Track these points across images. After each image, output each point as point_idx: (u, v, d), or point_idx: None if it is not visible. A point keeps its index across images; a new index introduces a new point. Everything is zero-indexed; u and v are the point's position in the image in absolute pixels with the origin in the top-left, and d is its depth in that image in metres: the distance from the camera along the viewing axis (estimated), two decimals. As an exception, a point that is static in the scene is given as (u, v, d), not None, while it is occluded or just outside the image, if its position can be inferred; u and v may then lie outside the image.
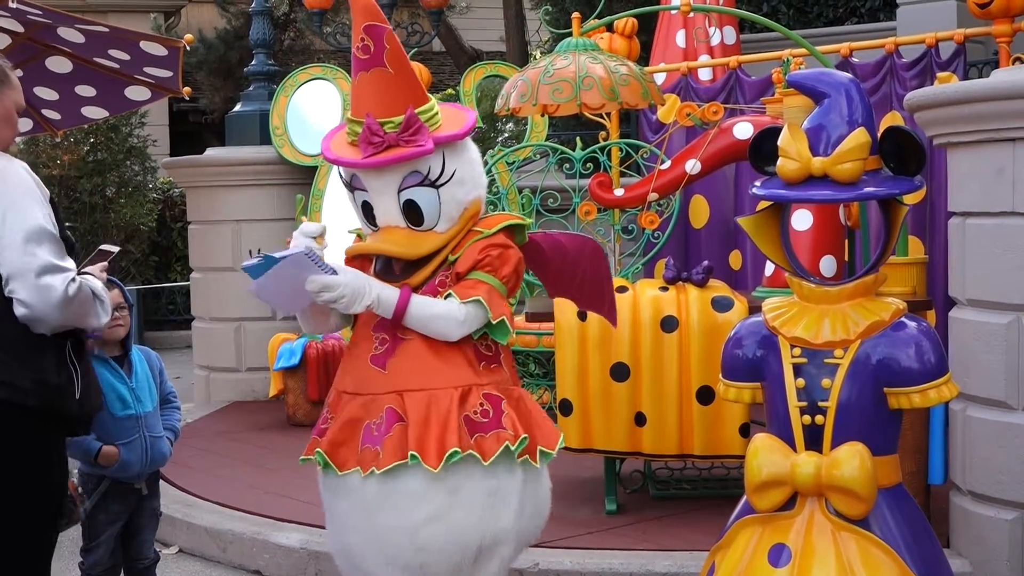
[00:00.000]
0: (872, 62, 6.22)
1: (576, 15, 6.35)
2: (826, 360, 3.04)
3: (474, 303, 3.18)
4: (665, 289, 4.95)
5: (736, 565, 3.07)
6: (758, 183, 3.17)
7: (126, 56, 5.26)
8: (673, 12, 7.47)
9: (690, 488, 5.44)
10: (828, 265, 5.08)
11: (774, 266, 4.64)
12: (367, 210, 3.29)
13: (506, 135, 11.56)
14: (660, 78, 7.07)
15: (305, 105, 8.27)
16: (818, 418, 3.03)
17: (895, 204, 3.11)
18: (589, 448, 4.94)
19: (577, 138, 7.02)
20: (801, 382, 3.05)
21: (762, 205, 3.36)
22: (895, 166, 3.05)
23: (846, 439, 2.98)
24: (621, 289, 4.85)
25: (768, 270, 5.38)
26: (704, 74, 7.47)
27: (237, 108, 9.01)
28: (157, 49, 5.24)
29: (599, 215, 5.92)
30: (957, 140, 4.30)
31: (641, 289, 4.98)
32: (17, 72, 3.34)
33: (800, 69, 5.07)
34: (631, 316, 4.80)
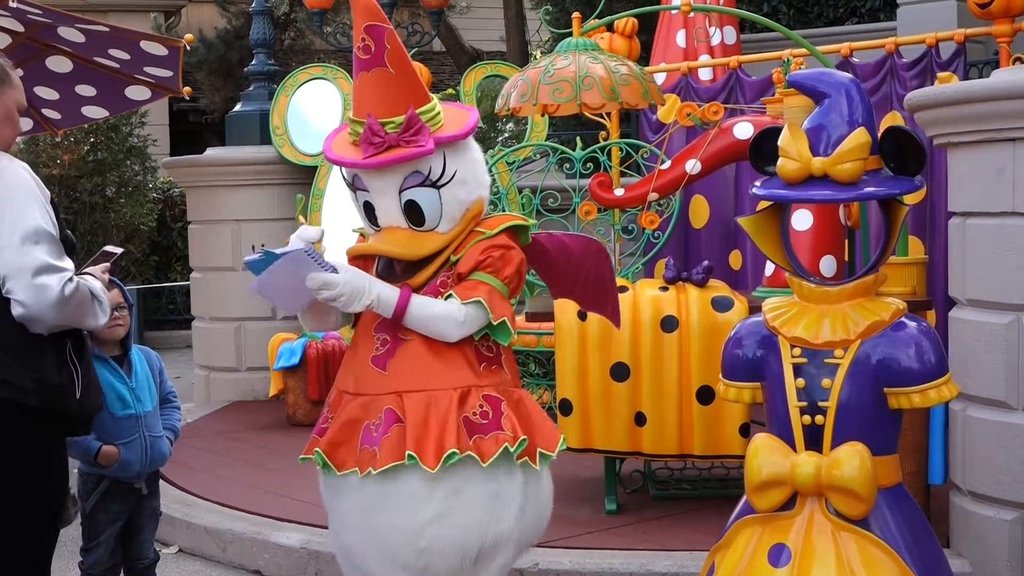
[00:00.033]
0: (872, 62, 6.22)
1: (576, 15, 6.35)
2: (826, 360, 3.04)
3: (475, 304, 3.17)
4: (665, 289, 4.95)
5: (736, 565, 3.07)
6: (758, 183, 3.17)
7: (126, 56, 5.27)
8: (673, 12, 7.47)
9: (690, 488, 5.44)
10: (828, 265, 5.08)
11: (774, 266, 4.64)
12: (369, 210, 3.28)
13: (506, 135, 11.56)
14: (660, 78, 7.07)
15: (305, 105, 8.27)
16: (818, 418, 3.03)
17: (895, 204, 3.11)
18: (589, 448, 4.94)
19: (577, 138, 7.01)
20: (801, 382, 3.05)
21: (762, 205, 3.36)
22: (895, 166, 3.05)
23: (846, 439, 2.98)
24: (621, 289, 4.85)
25: (768, 270, 5.38)
26: (704, 74, 7.47)
27: (237, 108, 9.01)
28: (157, 49, 5.24)
29: (599, 215, 5.92)
30: (957, 140, 4.29)
31: (641, 289, 4.98)
32: (17, 71, 3.34)
33: (800, 69, 5.06)
34: (631, 316, 4.80)
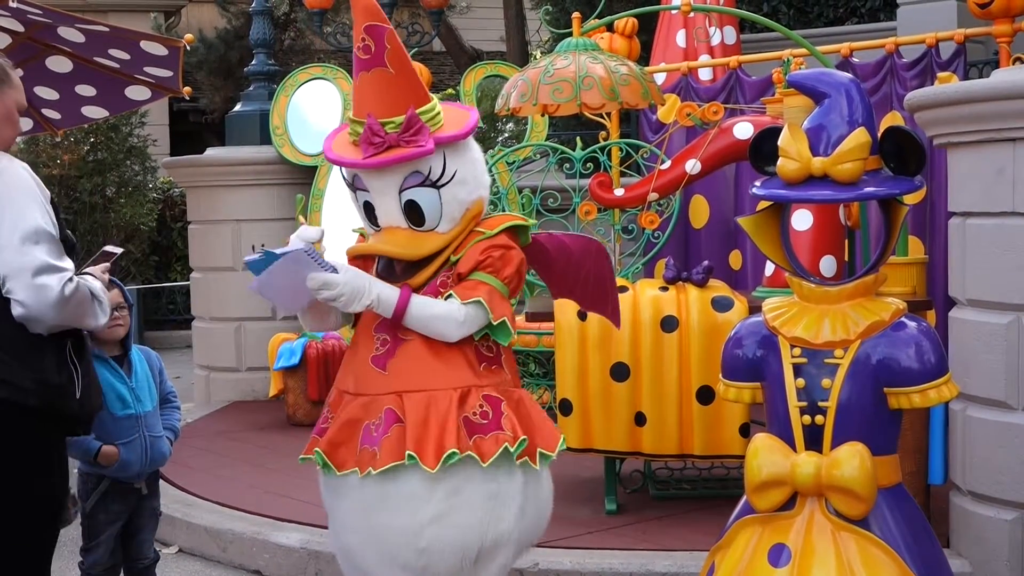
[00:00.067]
0: (872, 62, 6.22)
1: (576, 15, 6.35)
2: (826, 360, 3.04)
3: (474, 304, 3.17)
4: (665, 289, 4.95)
5: (736, 565, 3.07)
6: (758, 183, 3.17)
7: (126, 56, 5.27)
8: (673, 12, 7.47)
9: (690, 488, 5.44)
10: (828, 265, 5.08)
11: (774, 266, 4.64)
12: (369, 210, 3.28)
13: (506, 135, 11.56)
14: (660, 78, 7.07)
15: (305, 105, 8.27)
16: (818, 418, 3.03)
17: (895, 204, 3.11)
18: (589, 448, 4.94)
19: (577, 138, 7.01)
20: (801, 382, 3.05)
21: (762, 205, 3.37)
22: (895, 166, 3.05)
23: (846, 439, 2.98)
24: (621, 289, 4.85)
25: (768, 270, 5.38)
26: (704, 74, 7.47)
27: (237, 108, 9.01)
28: (157, 49, 5.24)
29: (599, 215, 5.92)
30: (957, 140, 4.29)
31: (641, 289, 4.98)
32: (17, 71, 3.34)
33: (800, 69, 5.06)
34: (631, 316, 4.80)
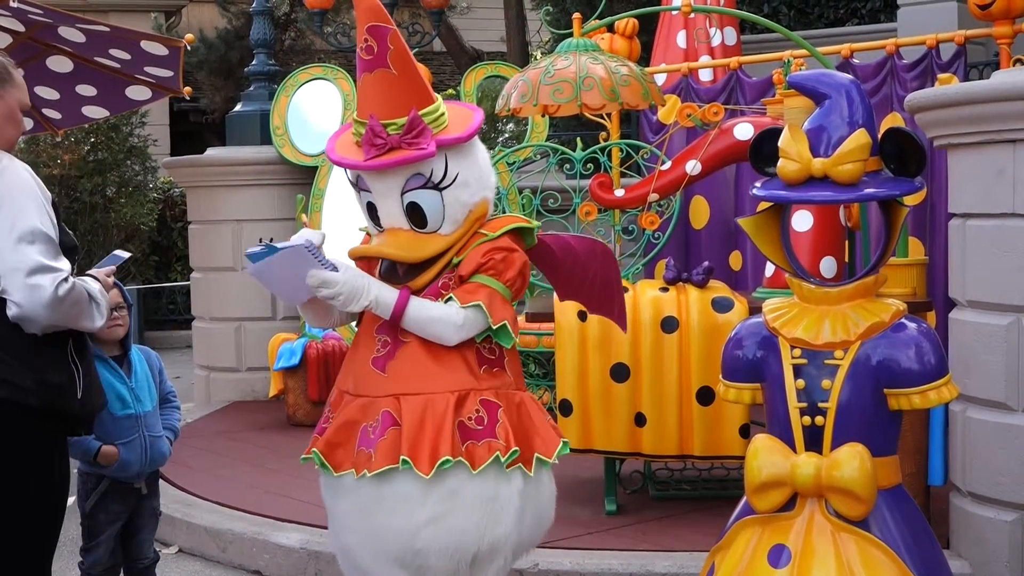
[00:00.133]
0: (873, 63, 6.22)
1: (577, 16, 6.35)
2: (826, 361, 3.04)
3: (474, 308, 3.15)
4: (665, 290, 4.95)
5: (736, 566, 3.08)
6: (758, 184, 3.17)
7: (127, 56, 5.27)
8: (674, 13, 7.46)
9: (690, 489, 5.44)
10: (828, 266, 5.08)
11: (774, 267, 4.64)
12: (372, 211, 3.27)
13: (506, 135, 11.55)
14: (661, 79, 7.06)
15: (306, 105, 8.27)
16: (818, 419, 3.03)
17: (895, 205, 3.11)
18: (589, 448, 4.93)
19: (577, 138, 7.02)
20: (801, 383, 3.05)
21: (762, 206, 3.37)
22: (895, 167, 3.06)
23: (846, 440, 2.98)
24: (622, 290, 4.86)
25: (768, 271, 5.38)
26: (705, 75, 7.47)
27: (238, 108, 9.01)
28: (158, 49, 5.24)
29: (599, 216, 5.92)
30: (957, 141, 4.30)
31: (641, 290, 4.98)
32: (19, 71, 3.35)
33: (801, 70, 5.06)
34: (631, 317, 4.80)
